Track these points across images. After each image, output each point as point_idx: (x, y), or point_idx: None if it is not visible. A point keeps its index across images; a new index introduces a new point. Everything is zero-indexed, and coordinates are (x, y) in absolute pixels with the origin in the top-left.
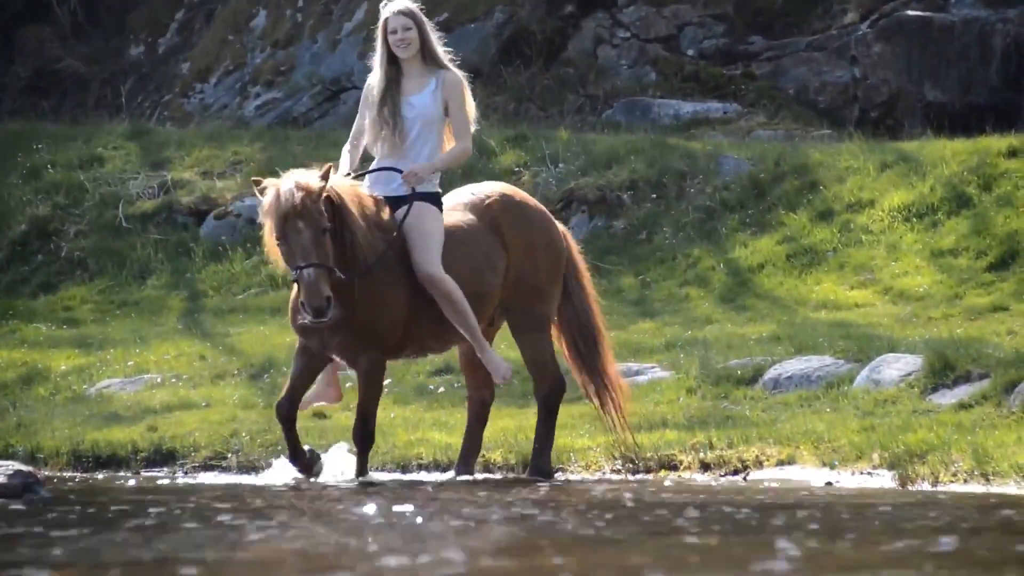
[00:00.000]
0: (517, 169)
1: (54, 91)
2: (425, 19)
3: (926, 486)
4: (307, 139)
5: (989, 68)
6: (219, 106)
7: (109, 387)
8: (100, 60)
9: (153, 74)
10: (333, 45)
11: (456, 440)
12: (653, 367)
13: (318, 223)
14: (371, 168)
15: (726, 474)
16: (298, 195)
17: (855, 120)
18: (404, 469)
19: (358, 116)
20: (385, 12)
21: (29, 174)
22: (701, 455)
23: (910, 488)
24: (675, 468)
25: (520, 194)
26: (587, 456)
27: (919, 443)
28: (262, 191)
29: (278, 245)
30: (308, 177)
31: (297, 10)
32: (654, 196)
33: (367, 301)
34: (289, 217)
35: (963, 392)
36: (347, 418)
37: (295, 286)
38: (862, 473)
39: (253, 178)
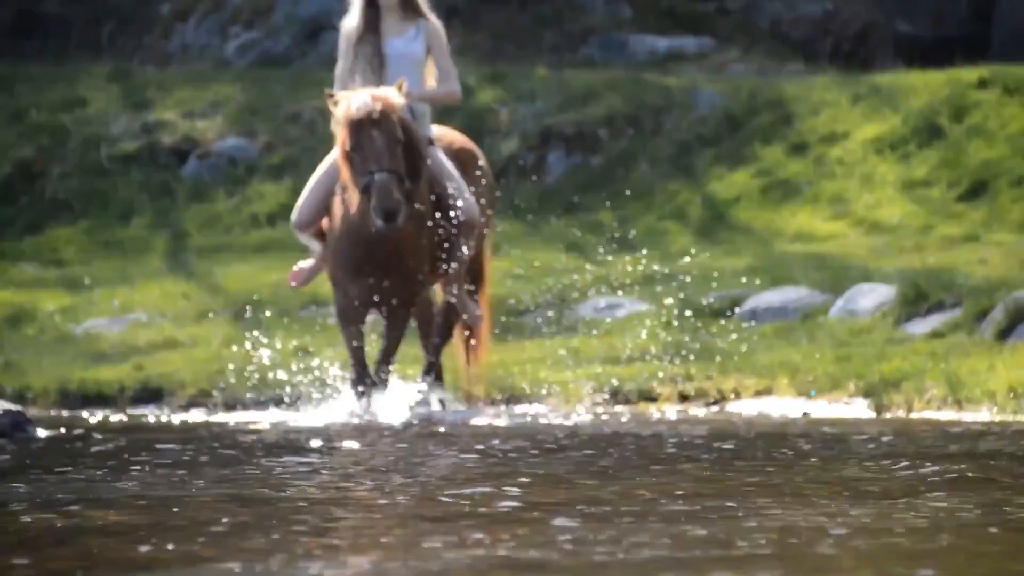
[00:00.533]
0: (495, 107)
1: (36, 33)
2: None
3: (901, 414)
4: (287, 79)
5: (958, 0)
6: (199, 47)
7: (95, 327)
8: (82, 2)
9: (134, 16)
10: None
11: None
12: (632, 300)
13: (393, 133)
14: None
15: (704, 405)
16: (375, 104)
17: (828, 53)
18: None
19: (340, 59)
20: None
21: (12, 117)
22: (680, 387)
23: (886, 416)
24: (654, 400)
25: (465, 138)
26: (567, 389)
27: (893, 372)
28: (335, 102)
29: (350, 154)
30: (385, 91)
31: None
32: (631, 131)
33: (422, 245)
34: (364, 125)
35: (936, 321)
36: None
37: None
38: (838, 403)
39: (327, 91)
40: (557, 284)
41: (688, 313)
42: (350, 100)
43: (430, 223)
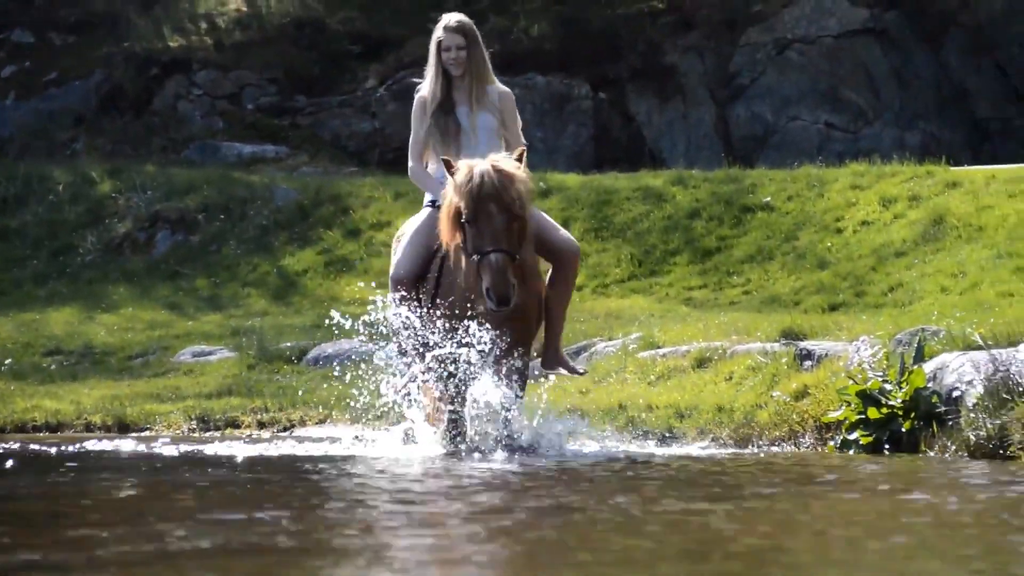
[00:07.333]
0: (114, 195)
1: None
2: (478, 34)
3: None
4: None
5: None
6: None
7: None
8: None
9: None
10: None
11: (64, 407)
12: (221, 349)
13: (510, 208)
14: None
15: (278, 431)
16: (497, 178)
17: (376, 160)
18: (21, 430)
19: (414, 126)
20: (439, 29)
21: None
22: (259, 416)
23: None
24: (238, 427)
25: None
26: (169, 418)
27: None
28: (452, 171)
29: (467, 225)
30: (506, 163)
31: None
32: (222, 217)
33: (534, 305)
34: (483, 198)
35: None
36: None
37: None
38: (383, 429)
39: (443, 158)
40: (161, 335)
41: (266, 359)
42: (472, 169)
43: (538, 279)
